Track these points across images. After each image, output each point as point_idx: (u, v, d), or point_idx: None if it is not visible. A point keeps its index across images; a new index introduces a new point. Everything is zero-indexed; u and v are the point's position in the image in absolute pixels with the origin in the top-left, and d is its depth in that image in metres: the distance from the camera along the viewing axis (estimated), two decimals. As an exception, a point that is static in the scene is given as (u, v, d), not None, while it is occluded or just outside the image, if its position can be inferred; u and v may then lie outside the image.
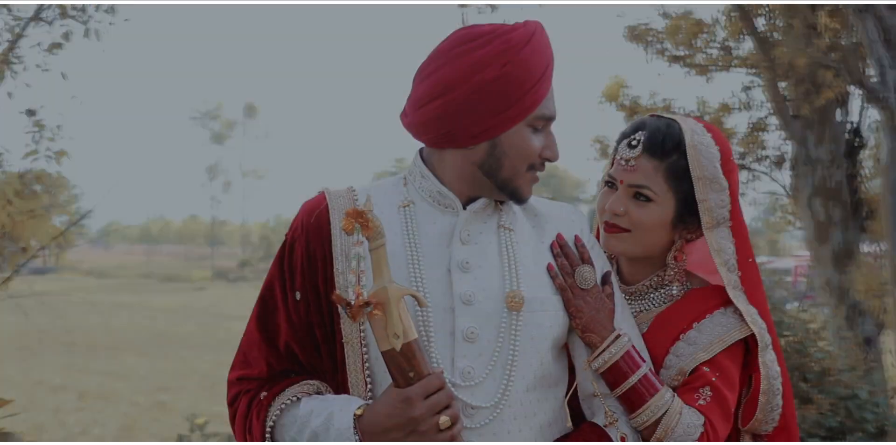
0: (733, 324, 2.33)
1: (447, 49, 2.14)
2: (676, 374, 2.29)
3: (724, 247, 2.39)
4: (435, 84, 2.12)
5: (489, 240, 2.20)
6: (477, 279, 2.15)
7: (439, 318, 2.12)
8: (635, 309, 2.43)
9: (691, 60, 12.07)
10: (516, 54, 2.10)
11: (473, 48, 2.11)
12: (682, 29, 11.76)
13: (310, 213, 2.23)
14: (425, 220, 2.20)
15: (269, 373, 2.18)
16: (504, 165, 2.15)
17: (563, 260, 2.25)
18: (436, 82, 2.12)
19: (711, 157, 2.36)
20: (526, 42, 2.12)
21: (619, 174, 2.40)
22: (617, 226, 2.41)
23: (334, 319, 2.15)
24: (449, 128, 2.12)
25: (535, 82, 2.11)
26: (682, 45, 11.91)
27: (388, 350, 1.95)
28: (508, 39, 2.11)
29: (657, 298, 2.44)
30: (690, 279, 2.47)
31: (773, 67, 10.72)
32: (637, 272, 2.47)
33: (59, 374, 18.54)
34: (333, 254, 2.17)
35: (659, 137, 2.37)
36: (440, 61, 2.13)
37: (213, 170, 74.30)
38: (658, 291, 2.44)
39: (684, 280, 2.44)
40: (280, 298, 2.20)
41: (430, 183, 2.21)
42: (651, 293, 2.45)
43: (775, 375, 2.33)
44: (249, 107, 74.38)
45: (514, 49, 2.10)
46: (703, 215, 2.36)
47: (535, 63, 2.12)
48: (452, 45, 2.14)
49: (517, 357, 2.13)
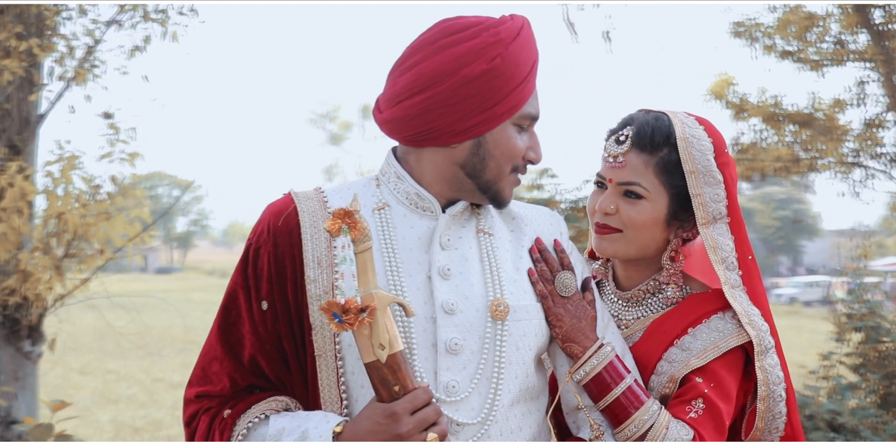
0: (730, 330, 2.18)
1: (430, 41, 2.01)
2: (668, 381, 2.16)
3: (721, 244, 2.25)
4: (417, 77, 1.98)
5: (469, 245, 2.08)
6: (458, 287, 2.03)
7: (420, 328, 1.99)
8: (632, 316, 2.30)
9: (803, 54, 11.60)
10: (505, 48, 1.98)
11: (460, 40, 1.98)
12: (793, 23, 11.29)
13: (276, 216, 2.08)
14: (402, 223, 2.07)
15: (232, 389, 2.04)
16: (489, 166, 2.03)
17: (542, 266, 2.14)
18: (418, 75, 1.98)
19: (704, 149, 2.23)
20: (515, 36, 2.00)
21: (607, 172, 2.27)
22: (608, 226, 2.28)
23: (305, 330, 2.01)
24: (431, 125, 1.99)
25: (523, 78, 2.00)
26: (793, 39, 11.43)
27: (373, 362, 1.83)
28: (497, 32, 1.99)
29: (655, 303, 2.30)
30: (689, 282, 2.32)
31: (889, 60, 10.21)
32: (633, 277, 2.34)
33: (178, 372, 18.89)
34: (305, 260, 2.02)
35: (647, 130, 2.24)
36: (423, 54, 2.00)
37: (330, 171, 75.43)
38: (656, 296, 2.31)
39: (681, 283, 2.30)
40: (245, 308, 2.05)
41: (407, 184, 2.08)
42: (648, 299, 2.31)
43: (776, 380, 2.18)
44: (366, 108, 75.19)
45: (504, 42, 1.98)
46: (698, 211, 2.23)
47: (524, 58, 2.00)
48: (436, 37, 2.01)
49: (503, 370, 2.01)
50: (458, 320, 2.00)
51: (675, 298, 2.28)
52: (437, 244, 2.05)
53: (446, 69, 1.96)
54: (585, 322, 2.11)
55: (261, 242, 2.06)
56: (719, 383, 2.13)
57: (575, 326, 2.10)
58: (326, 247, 2.02)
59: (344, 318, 1.81)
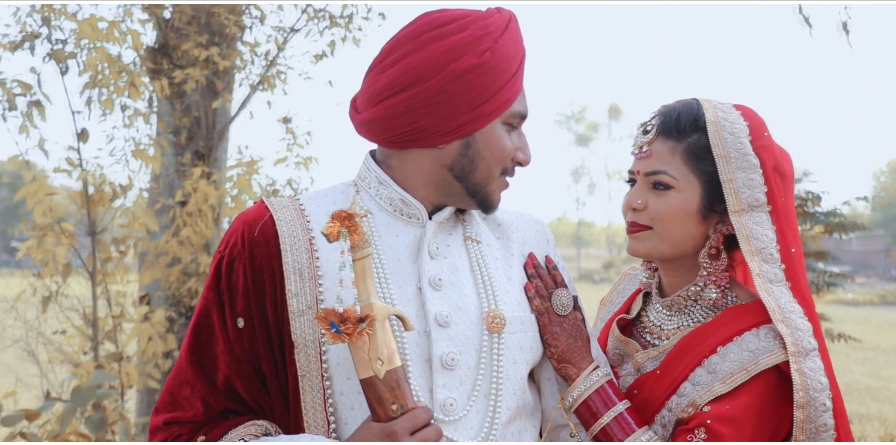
0: (763, 349, 1.92)
1: (414, 35, 1.87)
2: (688, 405, 1.93)
3: (756, 234, 2.01)
4: (401, 74, 1.85)
5: (458, 253, 1.96)
6: (451, 298, 1.90)
7: (413, 343, 1.85)
8: (673, 325, 2.09)
9: None
10: (495, 41, 1.85)
11: (446, 33, 1.85)
12: None
13: (251, 226, 1.93)
14: (387, 232, 1.93)
15: (206, 414, 1.89)
16: (478, 168, 1.90)
17: (538, 281, 2.01)
18: (402, 72, 1.85)
19: (737, 132, 2.03)
20: (503, 29, 1.88)
21: (635, 165, 2.09)
22: (637, 224, 2.07)
23: (286, 348, 1.87)
24: (417, 124, 1.86)
25: (512, 74, 1.88)
26: None
27: (370, 378, 1.70)
28: (485, 25, 1.86)
29: (697, 312, 2.07)
30: (736, 290, 2.06)
31: None
32: (674, 282, 2.10)
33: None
34: (285, 273, 1.87)
35: (673, 115, 2.05)
36: (406, 49, 1.86)
37: (577, 172, 75.32)
38: (699, 303, 2.06)
39: (725, 285, 2.04)
40: (218, 326, 1.91)
41: (391, 190, 1.94)
42: (690, 306, 2.07)
43: (818, 387, 1.89)
44: (613, 108, 74.64)
45: (493, 36, 1.85)
46: (730, 197, 2.01)
47: (513, 53, 1.89)
48: (420, 31, 1.87)
49: (502, 385, 1.89)
50: (452, 333, 1.88)
51: (718, 303, 2.04)
52: (425, 253, 1.91)
53: (432, 64, 1.82)
54: (581, 342, 2.00)
55: (234, 254, 1.92)
56: (732, 407, 1.90)
57: (571, 346, 1.99)
58: (308, 258, 1.88)
59: (342, 328, 1.68)
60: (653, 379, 2.03)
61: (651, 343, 2.11)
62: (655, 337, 2.11)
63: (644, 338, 2.14)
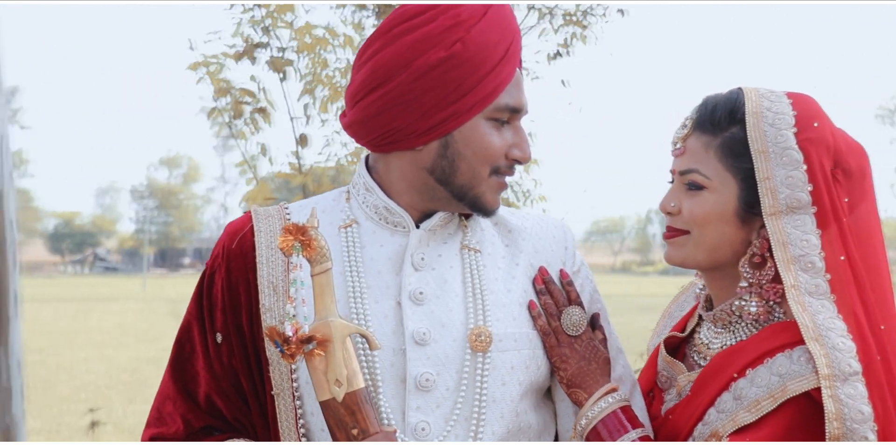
0: (794, 373, 1.71)
1: (385, 29, 1.77)
2: (710, 436, 1.77)
3: (794, 239, 1.79)
4: (371, 72, 1.75)
5: (450, 264, 1.83)
6: (433, 313, 1.79)
7: (387, 361, 1.76)
8: (719, 344, 1.87)
9: None
10: (468, 31, 1.73)
11: (415, 26, 1.74)
12: None
13: (232, 237, 1.87)
14: (371, 242, 1.83)
15: (186, 432, 1.84)
16: (460, 169, 1.77)
17: (547, 299, 1.84)
18: (372, 70, 1.75)
19: (780, 123, 1.81)
20: (480, 15, 1.74)
21: (672, 164, 1.91)
22: (672, 228, 1.89)
23: (262, 365, 1.80)
24: (390, 126, 1.75)
25: (494, 64, 1.74)
26: None
27: (328, 401, 1.62)
28: (457, 13, 1.73)
29: (742, 329, 1.86)
30: (787, 304, 1.80)
31: None
32: (718, 294, 1.91)
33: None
34: (259, 287, 1.80)
35: (710, 106, 1.87)
36: (377, 44, 1.77)
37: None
38: (743, 318, 1.85)
39: (773, 300, 1.82)
40: (199, 341, 1.84)
41: (375, 197, 1.83)
42: (735, 323, 1.87)
43: (859, 417, 1.66)
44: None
45: (466, 24, 1.73)
46: (765, 198, 1.81)
47: (494, 41, 1.75)
48: (391, 24, 1.76)
49: (485, 409, 1.76)
50: (430, 351, 1.76)
51: (760, 318, 1.83)
52: (408, 264, 1.79)
53: (399, 60, 1.72)
54: (596, 365, 1.82)
55: (215, 266, 1.86)
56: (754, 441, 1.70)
57: (583, 369, 1.81)
58: (284, 271, 1.80)
59: (284, 348, 1.60)
60: (682, 404, 1.85)
61: (698, 364, 1.91)
62: (702, 358, 1.91)
63: (692, 358, 1.94)
